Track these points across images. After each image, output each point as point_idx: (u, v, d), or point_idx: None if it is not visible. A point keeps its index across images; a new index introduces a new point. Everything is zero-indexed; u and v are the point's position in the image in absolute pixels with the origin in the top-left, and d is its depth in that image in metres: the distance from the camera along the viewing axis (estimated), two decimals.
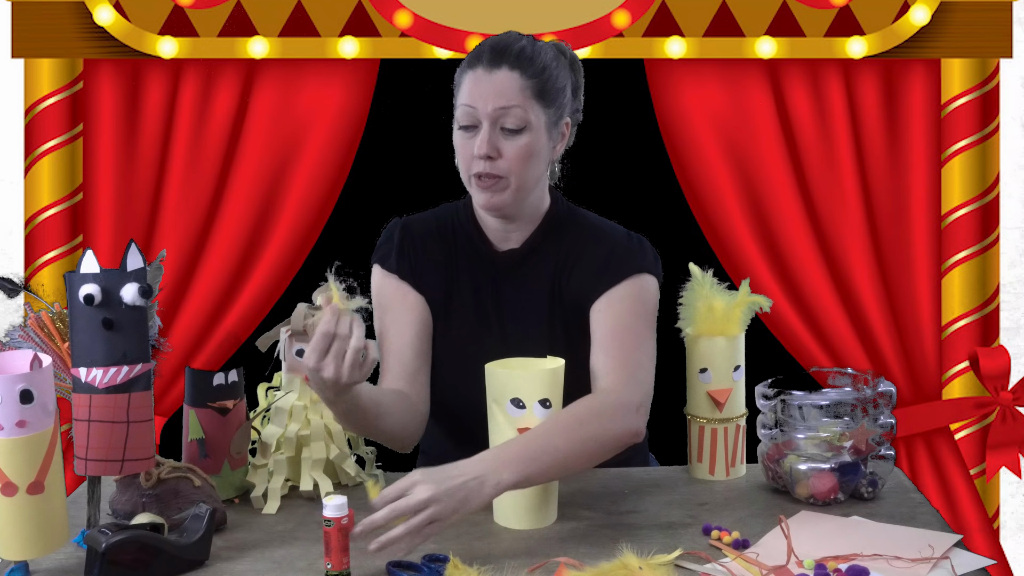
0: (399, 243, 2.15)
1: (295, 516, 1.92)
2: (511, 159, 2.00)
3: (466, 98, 2.01)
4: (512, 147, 2.00)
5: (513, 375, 1.83)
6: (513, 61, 2.00)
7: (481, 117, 2.00)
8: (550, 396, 1.82)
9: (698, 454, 2.06)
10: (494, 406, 1.83)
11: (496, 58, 2.01)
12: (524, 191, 2.04)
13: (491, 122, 1.99)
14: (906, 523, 1.82)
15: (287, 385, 2.04)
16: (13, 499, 1.61)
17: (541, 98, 2.02)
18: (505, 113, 1.99)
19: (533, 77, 2.01)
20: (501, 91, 1.99)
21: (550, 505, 1.86)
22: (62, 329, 1.85)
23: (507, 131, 2.00)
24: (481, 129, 2.00)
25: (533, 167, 2.03)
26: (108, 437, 1.71)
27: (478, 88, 2.00)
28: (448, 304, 2.12)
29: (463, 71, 2.04)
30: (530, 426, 1.80)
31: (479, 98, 2.00)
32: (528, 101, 2.00)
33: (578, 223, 2.13)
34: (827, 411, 1.94)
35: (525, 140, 2.00)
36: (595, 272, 2.05)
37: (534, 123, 2.01)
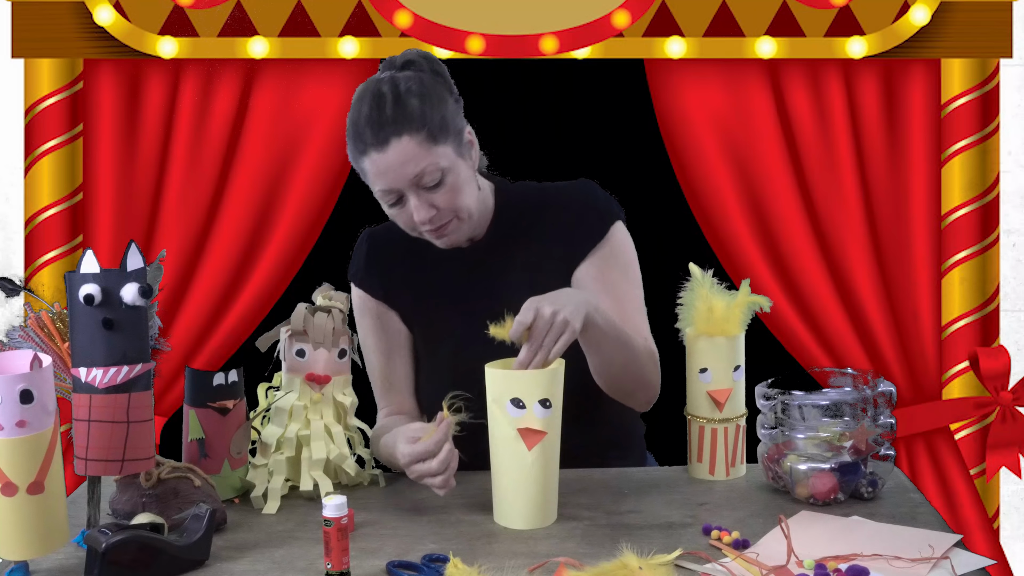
0: (366, 258, 2.22)
1: (295, 516, 1.92)
2: (446, 205, 2.03)
3: (378, 183, 2.01)
4: (442, 196, 2.02)
5: (513, 375, 1.83)
6: (394, 127, 1.98)
7: (401, 190, 2.01)
8: (550, 396, 1.82)
9: (698, 454, 2.05)
10: (494, 406, 1.83)
11: (380, 135, 1.98)
12: (471, 216, 2.08)
13: (413, 190, 2.00)
14: (906, 523, 1.82)
15: (287, 385, 2.04)
16: (13, 499, 1.61)
17: (438, 140, 2.00)
18: (420, 176, 1.99)
19: (421, 128, 1.98)
20: (404, 161, 1.98)
21: (550, 505, 1.86)
22: (62, 329, 1.86)
23: (429, 188, 2.01)
24: (407, 199, 2.02)
25: (467, 195, 2.05)
26: (108, 437, 1.71)
27: (382, 170, 1.99)
28: (425, 308, 2.17)
29: (356, 156, 2.03)
30: (531, 426, 1.81)
31: (389, 178, 1.99)
32: (431, 152, 1.99)
33: (530, 196, 2.18)
34: (827, 411, 1.94)
35: (449, 182, 2.02)
36: (568, 240, 2.13)
37: (448, 164, 2.01)
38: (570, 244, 2.14)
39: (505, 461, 1.84)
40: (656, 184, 2.88)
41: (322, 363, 2.03)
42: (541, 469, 1.83)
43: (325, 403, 2.03)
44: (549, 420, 1.82)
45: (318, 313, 2.04)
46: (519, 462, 1.82)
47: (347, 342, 2.06)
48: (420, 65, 2.07)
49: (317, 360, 2.03)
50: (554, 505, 1.87)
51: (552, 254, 2.14)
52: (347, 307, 2.11)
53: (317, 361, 2.03)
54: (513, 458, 1.83)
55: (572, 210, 2.16)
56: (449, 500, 1.96)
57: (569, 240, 2.14)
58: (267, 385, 2.09)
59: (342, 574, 1.65)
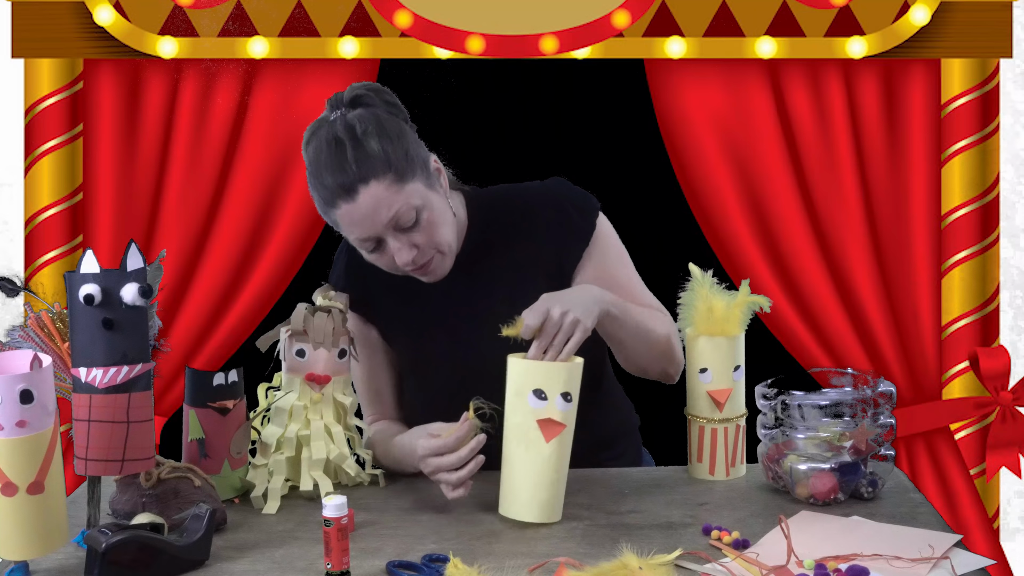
0: (345, 269, 2.19)
1: (295, 516, 1.92)
2: (426, 242, 1.99)
3: (354, 233, 1.97)
4: (420, 234, 1.98)
5: (537, 366, 1.84)
6: (361, 177, 1.93)
7: (378, 236, 1.97)
8: (571, 390, 1.83)
9: (698, 454, 2.06)
10: (514, 397, 1.84)
11: (347, 188, 1.93)
12: (451, 248, 2.05)
13: (390, 233, 1.97)
14: (906, 523, 1.82)
15: (287, 385, 2.04)
16: (13, 499, 1.61)
17: (407, 178, 1.96)
18: (395, 219, 1.95)
19: (388, 170, 1.94)
20: (376, 208, 1.94)
21: (559, 501, 1.86)
22: (62, 329, 1.86)
23: (406, 229, 1.97)
24: (386, 243, 1.98)
25: (445, 228, 2.02)
26: (108, 437, 1.71)
27: (356, 220, 1.95)
28: (406, 324, 2.15)
29: (325, 209, 1.97)
30: (552, 417, 1.82)
31: (365, 227, 1.95)
32: (401, 191, 1.95)
33: (504, 201, 2.16)
34: (827, 411, 1.94)
35: (425, 218, 1.98)
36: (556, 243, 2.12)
37: (421, 201, 1.97)
38: (559, 247, 2.13)
39: (520, 452, 1.84)
40: (656, 184, 2.88)
41: (322, 363, 2.03)
42: (556, 462, 1.84)
43: (325, 403, 2.03)
44: (568, 414, 1.83)
45: (318, 313, 2.04)
46: (536, 453, 1.83)
47: (347, 342, 2.06)
48: (369, 99, 2.01)
49: (317, 360, 2.03)
50: (561, 502, 1.87)
51: (538, 258, 2.13)
52: (347, 307, 2.11)
53: (317, 361, 2.03)
54: (529, 449, 1.83)
55: (554, 213, 2.14)
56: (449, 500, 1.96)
57: (557, 243, 2.13)
58: (267, 385, 2.09)
59: (342, 574, 1.65)
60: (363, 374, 2.20)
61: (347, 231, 1.99)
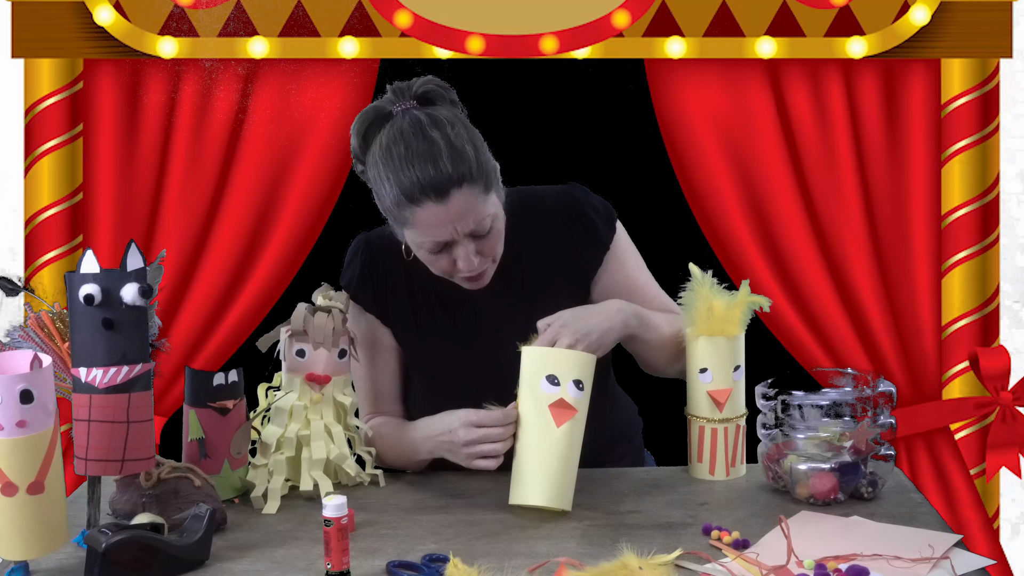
0: (361, 267, 2.17)
1: (295, 516, 1.92)
2: (490, 251, 1.99)
3: (432, 234, 1.93)
4: (488, 245, 1.98)
5: (551, 352, 1.86)
6: (456, 180, 1.91)
7: (451, 240, 1.95)
8: (584, 379, 1.84)
9: (698, 454, 2.06)
10: (526, 386, 1.85)
11: (439, 188, 1.90)
12: (499, 258, 2.04)
13: (464, 239, 1.95)
14: (906, 523, 1.82)
15: (287, 385, 2.04)
16: (13, 499, 1.61)
17: (490, 186, 1.96)
18: (475, 227, 1.95)
19: (479, 179, 1.93)
20: (464, 213, 1.92)
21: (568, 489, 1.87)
22: (62, 329, 1.85)
23: (479, 237, 1.96)
24: (456, 247, 1.95)
25: (503, 238, 2.02)
26: (108, 437, 1.71)
27: (440, 221, 1.92)
28: (421, 327, 2.14)
29: (403, 204, 1.92)
30: (564, 399, 1.83)
31: (446, 230, 1.93)
32: (487, 201, 1.95)
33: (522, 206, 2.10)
34: (827, 411, 1.94)
35: (496, 228, 1.99)
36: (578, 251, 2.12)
37: (495, 211, 1.98)
38: (580, 254, 2.14)
39: (531, 438, 1.86)
40: (656, 184, 2.88)
41: (322, 363, 2.03)
42: (567, 448, 1.85)
43: (325, 403, 2.03)
44: (580, 401, 1.84)
45: (318, 313, 2.04)
46: (547, 437, 1.84)
47: (347, 342, 2.06)
48: (442, 97, 2.00)
49: (317, 360, 2.03)
50: (571, 492, 1.88)
51: (559, 265, 2.13)
52: (347, 307, 2.11)
53: (317, 361, 2.03)
54: (540, 433, 1.84)
55: (577, 220, 2.14)
56: (449, 500, 1.96)
57: (579, 250, 2.14)
58: (267, 385, 2.09)
59: (342, 574, 1.65)
60: (367, 372, 2.19)
61: (422, 230, 1.95)
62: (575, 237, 2.13)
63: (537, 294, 2.11)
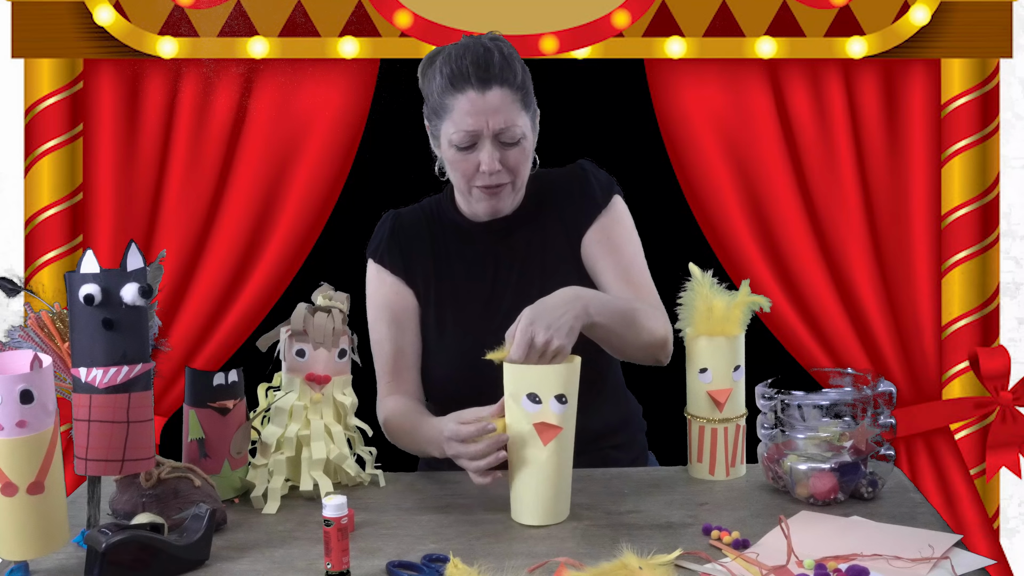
0: (390, 234, 2.25)
1: (295, 516, 1.92)
2: (513, 168, 2.12)
3: (465, 123, 2.07)
4: (512, 157, 2.11)
5: (529, 370, 1.83)
6: (500, 78, 2.07)
7: (480, 135, 2.08)
8: (566, 392, 1.82)
9: (698, 454, 2.06)
10: (511, 401, 1.84)
11: (485, 78, 2.06)
12: (521, 189, 2.17)
13: (492, 139, 2.08)
14: (906, 523, 1.82)
15: (287, 385, 2.04)
16: (13, 499, 1.61)
17: (526, 107, 2.11)
18: (504, 130, 2.08)
19: (519, 90, 2.09)
20: (498, 110, 2.07)
21: (563, 501, 1.86)
22: (62, 329, 1.86)
23: (505, 144, 2.09)
24: (482, 146, 2.09)
25: (527, 166, 2.15)
26: (108, 437, 1.71)
27: (477, 109, 2.07)
28: (441, 289, 2.20)
29: (449, 91, 2.08)
30: (547, 421, 1.82)
31: (479, 120, 2.07)
32: (519, 113, 2.09)
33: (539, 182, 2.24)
34: (827, 411, 1.94)
35: (523, 146, 2.11)
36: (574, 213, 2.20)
37: (525, 132, 2.11)
38: (576, 216, 2.19)
39: (521, 457, 1.84)
40: (656, 184, 2.88)
41: (322, 363, 2.03)
42: (556, 464, 1.84)
43: (325, 403, 2.03)
44: (564, 416, 1.83)
45: (318, 313, 2.04)
46: (535, 457, 1.83)
47: (347, 342, 2.06)
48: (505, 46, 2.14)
49: (317, 360, 2.03)
50: (567, 502, 1.87)
51: (563, 232, 2.19)
52: (347, 307, 2.11)
53: (317, 361, 2.03)
54: (528, 453, 1.83)
55: (576, 185, 2.22)
56: (449, 500, 1.96)
57: (575, 213, 2.20)
58: (267, 385, 2.09)
59: (342, 574, 1.65)
60: (388, 334, 2.20)
61: (459, 119, 2.07)
62: (574, 197, 2.21)
63: (548, 262, 2.18)
